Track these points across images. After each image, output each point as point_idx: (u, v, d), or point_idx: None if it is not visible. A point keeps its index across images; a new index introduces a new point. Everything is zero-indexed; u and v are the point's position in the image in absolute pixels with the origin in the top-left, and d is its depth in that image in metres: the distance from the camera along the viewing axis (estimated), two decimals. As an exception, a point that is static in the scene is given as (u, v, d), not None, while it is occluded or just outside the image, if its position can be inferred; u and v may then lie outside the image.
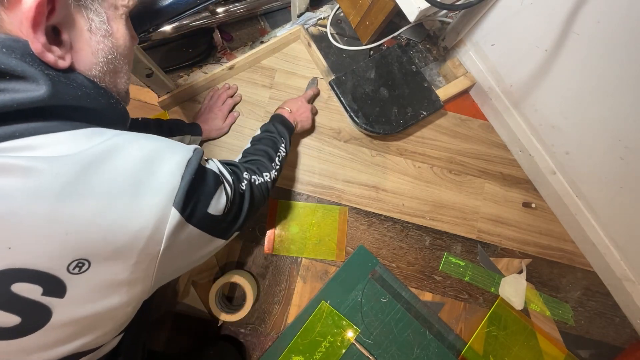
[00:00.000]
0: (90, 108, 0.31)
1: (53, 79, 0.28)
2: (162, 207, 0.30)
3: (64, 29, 0.30)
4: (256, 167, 0.54)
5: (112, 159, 0.28)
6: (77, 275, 0.27)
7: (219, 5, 0.82)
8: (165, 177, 0.30)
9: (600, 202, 0.73)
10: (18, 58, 0.26)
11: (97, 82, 0.34)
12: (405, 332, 0.75)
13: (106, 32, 0.33)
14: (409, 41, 0.90)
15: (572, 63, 0.62)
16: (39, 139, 0.27)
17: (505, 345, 0.76)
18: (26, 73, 0.26)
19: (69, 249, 0.26)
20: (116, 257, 0.28)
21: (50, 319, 0.27)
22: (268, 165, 0.57)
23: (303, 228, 0.80)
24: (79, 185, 0.26)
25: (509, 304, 0.78)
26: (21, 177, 0.24)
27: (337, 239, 0.80)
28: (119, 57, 0.35)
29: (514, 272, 0.81)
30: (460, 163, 0.87)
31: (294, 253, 0.78)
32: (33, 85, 0.27)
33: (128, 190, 0.28)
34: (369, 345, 0.73)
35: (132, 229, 0.28)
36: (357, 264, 0.78)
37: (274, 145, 0.62)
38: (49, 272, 0.26)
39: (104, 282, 0.29)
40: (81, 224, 0.26)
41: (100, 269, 0.28)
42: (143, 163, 0.30)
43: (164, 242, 0.30)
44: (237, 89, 0.86)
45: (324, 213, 0.81)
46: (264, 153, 0.59)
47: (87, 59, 0.32)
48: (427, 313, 0.77)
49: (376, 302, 0.76)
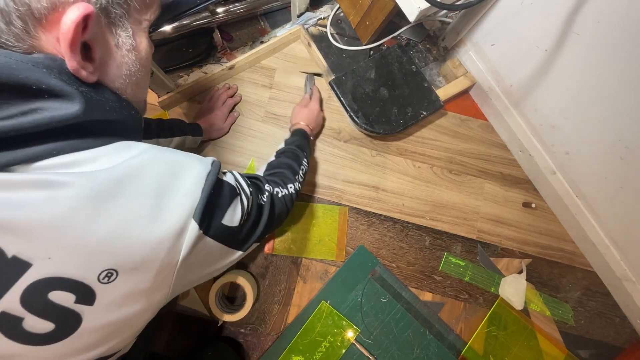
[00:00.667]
0: (116, 120, 0.33)
1: (86, 96, 0.29)
2: (183, 220, 0.31)
3: (94, 45, 0.30)
4: (280, 179, 0.56)
5: (140, 175, 0.30)
6: (106, 284, 0.28)
7: (219, 5, 0.82)
8: (186, 191, 0.32)
9: (600, 202, 0.73)
10: (56, 77, 0.27)
11: (120, 94, 0.35)
12: (405, 332, 0.75)
13: (131, 46, 0.34)
14: (409, 41, 0.90)
15: (572, 63, 0.62)
16: (75, 155, 0.28)
17: (505, 345, 0.76)
18: (64, 91, 0.27)
19: (101, 259, 0.27)
20: (140, 267, 0.30)
21: (80, 326, 0.29)
22: (292, 177, 0.59)
23: (303, 228, 0.80)
24: (111, 199, 0.27)
25: (509, 304, 0.78)
26: (61, 191, 0.26)
27: (337, 239, 0.80)
28: (140, 69, 0.36)
29: (514, 272, 0.81)
30: (460, 163, 0.87)
31: (294, 253, 0.78)
32: (69, 103, 0.28)
33: (152, 204, 0.30)
34: (369, 345, 0.73)
35: (155, 241, 0.30)
36: (357, 264, 0.78)
37: (297, 159, 0.63)
38: (82, 281, 0.27)
39: (128, 291, 0.30)
40: (112, 236, 0.27)
41: (126, 279, 0.29)
42: (166, 178, 0.31)
43: (182, 253, 0.32)
44: (237, 89, 0.86)
45: (324, 213, 0.81)
46: (287, 167, 0.61)
47: (112, 72, 0.33)
48: (427, 313, 0.77)
49: (376, 302, 0.76)
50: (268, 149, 0.84)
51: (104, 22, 0.30)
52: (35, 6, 0.26)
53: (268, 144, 0.84)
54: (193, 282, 0.39)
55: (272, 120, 0.86)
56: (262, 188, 0.48)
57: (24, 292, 0.26)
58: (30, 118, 0.26)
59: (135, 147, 0.32)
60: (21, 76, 0.25)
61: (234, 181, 0.40)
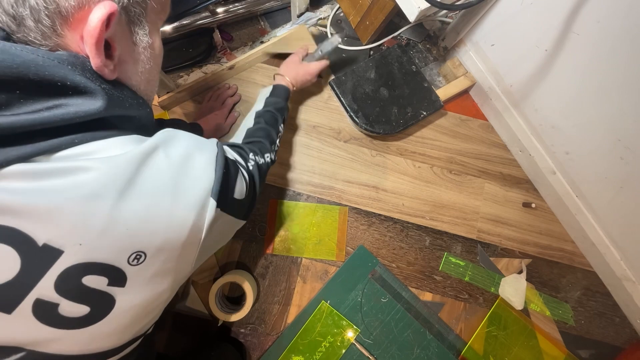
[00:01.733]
0: (133, 116, 0.34)
1: (107, 92, 0.30)
2: (203, 199, 0.33)
3: (114, 43, 0.31)
4: (258, 148, 0.57)
5: (155, 158, 0.31)
6: (136, 266, 0.29)
7: (219, 5, 0.82)
8: (201, 172, 0.34)
9: (600, 202, 0.73)
10: (80, 74, 0.28)
11: (135, 90, 0.36)
12: (405, 332, 0.75)
13: (147, 43, 0.35)
14: (409, 41, 0.90)
15: (572, 63, 0.62)
16: (95, 144, 0.29)
17: (505, 345, 0.76)
18: (87, 88, 0.28)
19: (129, 242, 0.29)
20: (166, 248, 0.31)
21: (114, 307, 0.30)
22: (269, 147, 0.60)
23: (303, 228, 0.80)
24: (133, 183, 0.28)
25: (509, 304, 0.78)
26: (85, 175, 0.27)
27: (337, 239, 0.80)
28: (154, 67, 0.37)
29: (514, 272, 0.81)
30: (460, 163, 0.87)
31: (294, 253, 0.78)
32: (92, 99, 0.29)
33: (172, 185, 0.31)
34: (369, 345, 0.73)
35: (179, 221, 0.31)
36: (357, 264, 0.78)
37: (275, 124, 0.64)
38: (113, 264, 0.28)
39: (156, 271, 0.31)
40: (138, 219, 0.29)
41: (153, 259, 0.30)
42: (180, 161, 0.33)
43: (205, 230, 0.34)
44: (237, 88, 0.86)
45: (324, 213, 0.81)
46: (266, 135, 0.61)
47: (129, 70, 0.34)
48: (427, 313, 0.77)
49: (376, 302, 0.76)
50: (268, 149, 0.84)
51: (124, 20, 0.31)
52: (63, 4, 0.27)
53: (268, 144, 0.84)
54: (208, 255, 0.41)
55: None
56: (246, 157, 0.50)
57: (57, 278, 0.26)
58: (55, 112, 0.27)
59: (148, 138, 0.33)
60: (47, 73, 0.26)
61: (232, 156, 0.43)
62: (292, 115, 0.86)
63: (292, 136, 0.85)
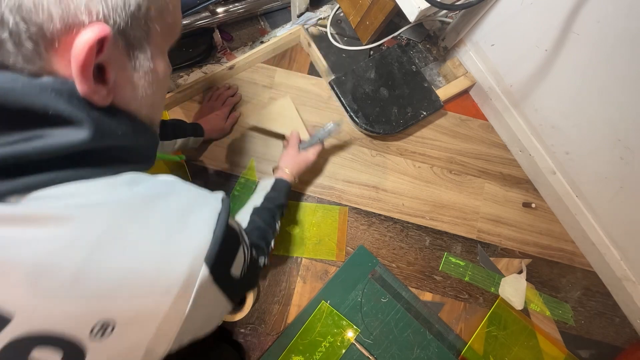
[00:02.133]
0: (127, 147, 0.30)
1: (96, 120, 0.27)
2: (194, 263, 0.28)
3: (109, 68, 0.28)
4: (255, 248, 0.52)
5: (146, 211, 0.27)
6: (99, 340, 0.24)
7: (219, 5, 0.82)
8: (197, 231, 0.29)
9: (600, 202, 0.73)
10: (66, 101, 0.25)
11: (136, 115, 0.32)
12: (405, 332, 0.75)
13: (149, 68, 0.31)
14: (409, 41, 0.90)
15: (572, 63, 0.62)
16: (78, 185, 0.26)
17: (505, 345, 0.76)
18: (72, 117, 0.25)
19: (97, 308, 0.24)
20: (141, 318, 0.26)
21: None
22: (264, 249, 0.56)
23: (303, 228, 0.80)
24: (113, 238, 0.25)
25: (509, 304, 0.78)
26: (54, 227, 0.23)
27: (337, 239, 0.80)
28: (157, 91, 0.33)
29: (514, 272, 0.81)
30: (460, 163, 0.87)
31: (293, 253, 0.78)
32: (77, 129, 0.25)
33: (160, 244, 0.27)
34: (369, 345, 0.73)
35: (162, 286, 0.26)
36: (357, 264, 0.78)
37: (272, 223, 0.60)
38: (72, 336, 0.24)
39: (124, 349, 0.26)
40: (112, 279, 0.24)
41: (123, 332, 0.25)
42: (175, 217, 0.29)
43: (192, 300, 0.28)
44: (237, 89, 0.86)
45: (324, 213, 0.81)
46: (261, 235, 0.57)
47: (127, 94, 0.30)
48: (427, 313, 0.77)
49: (376, 302, 0.76)
50: (268, 149, 0.84)
51: (122, 44, 0.28)
52: (47, 27, 0.24)
53: (268, 144, 0.84)
54: (186, 339, 0.33)
55: (272, 120, 0.86)
56: (247, 239, 0.46)
57: (0, 351, 0.22)
58: (33, 144, 0.24)
59: (144, 181, 0.30)
60: (27, 101, 0.23)
61: (236, 225, 0.36)
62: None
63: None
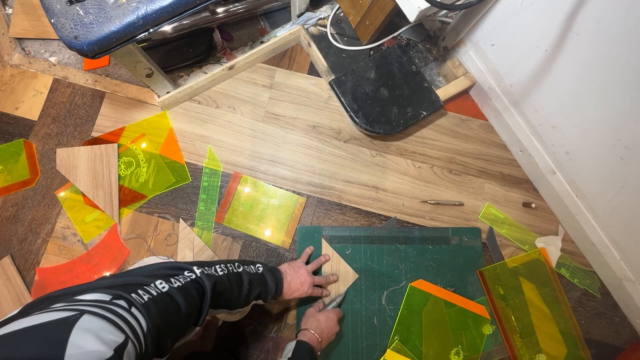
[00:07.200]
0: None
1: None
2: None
3: None
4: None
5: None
6: None
7: (219, 5, 0.82)
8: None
9: (600, 202, 0.73)
10: None
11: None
12: (382, 260, 0.79)
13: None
14: (409, 41, 0.90)
15: (572, 63, 0.62)
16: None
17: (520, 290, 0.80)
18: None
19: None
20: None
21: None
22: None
23: (259, 208, 0.81)
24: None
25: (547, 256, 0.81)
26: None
27: (288, 227, 0.81)
28: None
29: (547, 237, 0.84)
30: (460, 163, 0.87)
31: (242, 229, 0.80)
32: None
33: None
34: (365, 295, 0.77)
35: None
36: (307, 242, 0.79)
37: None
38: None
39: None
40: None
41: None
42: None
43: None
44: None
45: (282, 200, 0.82)
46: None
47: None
48: (386, 233, 0.80)
49: (345, 258, 0.79)
50: (268, 149, 0.84)
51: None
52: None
53: (268, 144, 0.84)
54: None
55: (272, 120, 0.86)
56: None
57: None
58: None
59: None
60: None
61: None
62: (292, 116, 0.86)
63: (292, 136, 0.85)
